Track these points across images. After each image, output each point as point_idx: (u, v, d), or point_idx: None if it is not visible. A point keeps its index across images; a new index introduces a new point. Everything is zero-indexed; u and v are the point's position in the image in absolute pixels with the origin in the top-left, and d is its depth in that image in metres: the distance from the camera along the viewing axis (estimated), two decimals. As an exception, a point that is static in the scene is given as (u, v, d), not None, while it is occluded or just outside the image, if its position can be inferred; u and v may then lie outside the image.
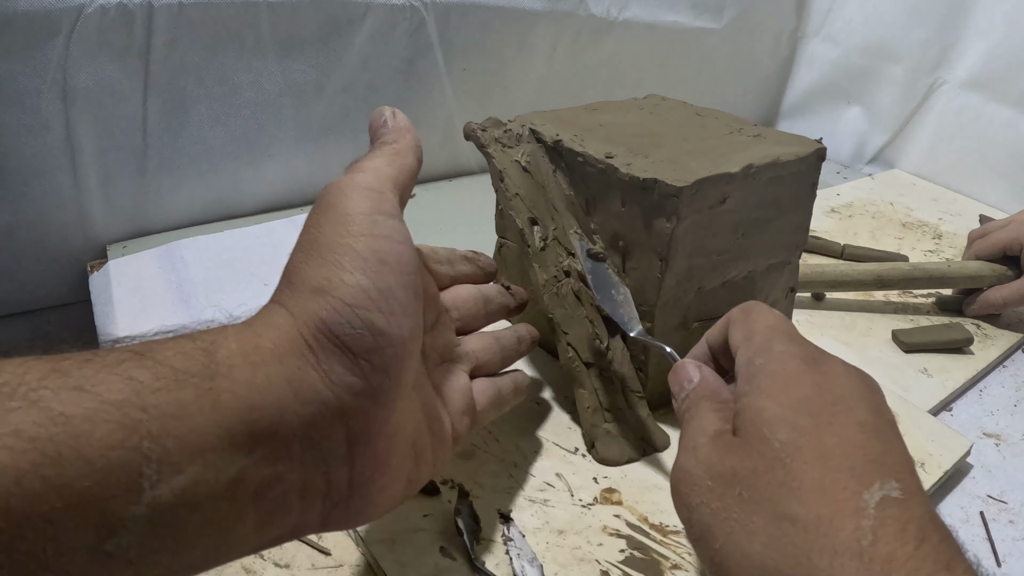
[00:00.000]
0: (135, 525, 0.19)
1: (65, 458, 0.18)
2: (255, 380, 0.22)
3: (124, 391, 0.20)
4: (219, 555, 0.23)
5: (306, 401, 0.23)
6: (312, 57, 0.67)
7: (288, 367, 0.23)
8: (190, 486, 0.20)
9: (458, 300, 0.37)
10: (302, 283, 0.24)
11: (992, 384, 0.57)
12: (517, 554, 0.35)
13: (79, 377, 0.19)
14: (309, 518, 0.24)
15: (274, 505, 0.23)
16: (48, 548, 0.18)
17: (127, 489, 0.19)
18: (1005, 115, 0.86)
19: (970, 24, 0.87)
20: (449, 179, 0.84)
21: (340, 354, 0.23)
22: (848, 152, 1.03)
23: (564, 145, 0.43)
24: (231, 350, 0.22)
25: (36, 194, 0.59)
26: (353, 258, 0.24)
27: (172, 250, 0.62)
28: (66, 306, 0.64)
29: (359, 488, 0.25)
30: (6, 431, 0.17)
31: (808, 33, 1.05)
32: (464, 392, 0.33)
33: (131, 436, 0.19)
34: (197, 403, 0.21)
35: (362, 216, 0.25)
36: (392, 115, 0.30)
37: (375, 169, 0.27)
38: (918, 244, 0.77)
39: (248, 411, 0.22)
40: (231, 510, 0.22)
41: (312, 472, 0.24)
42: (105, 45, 0.56)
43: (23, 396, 0.18)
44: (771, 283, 0.47)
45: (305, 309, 0.24)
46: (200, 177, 0.67)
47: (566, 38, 0.82)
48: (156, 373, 0.20)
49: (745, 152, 0.42)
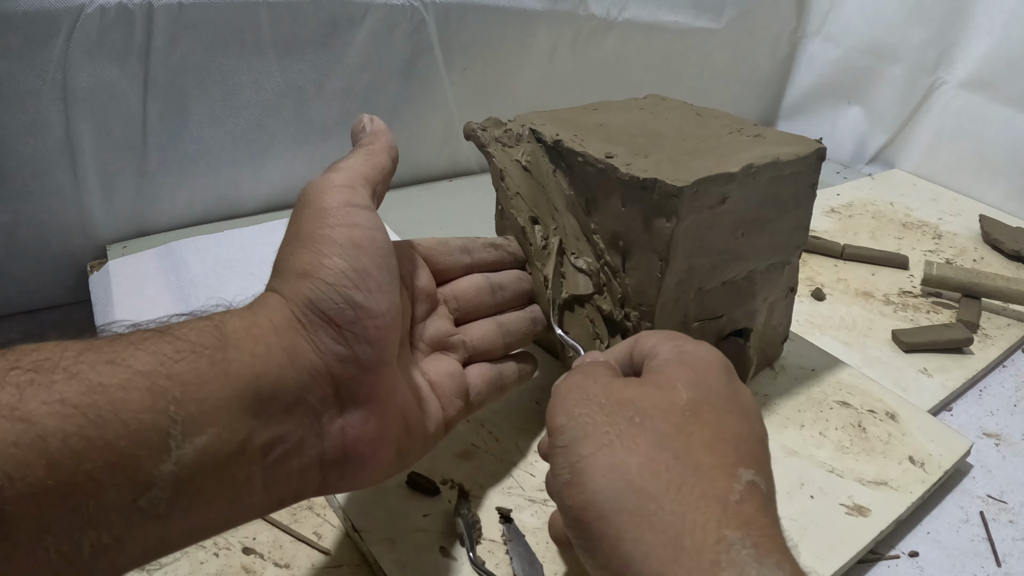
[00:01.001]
0: (164, 481, 0.22)
1: (106, 420, 0.20)
2: (257, 351, 0.25)
3: (151, 363, 0.22)
4: (234, 514, 0.25)
5: (301, 368, 0.26)
6: (312, 57, 0.67)
7: (284, 339, 0.26)
8: (209, 445, 0.23)
9: (459, 290, 0.39)
10: (289, 270, 0.28)
11: (992, 384, 0.57)
12: (517, 554, 0.35)
13: (111, 352, 0.22)
14: (308, 477, 0.27)
15: (278, 464, 0.26)
16: (90, 504, 0.20)
17: (157, 448, 0.21)
18: (1005, 115, 0.86)
19: (970, 24, 0.87)
20: (449, 179, 0.84)
21: (326, 327, 0.27)
22: (848, 152, 1.03)
23: (564, 145, 0.43)
24: (236, 326, 0.25)
25: (36, 194, 0.59)
26: (331, 245, 0.27)
27: (172, 250, 0.62)
28: (66, 306, 0.64)
29: (351, 449, 0.28)
30: (53, 399, 0.20)
31: (808, 33, 1.05)
32: (455, 376, 0.35)
33: (159, 401, 0.22)
34: (212, 371, 0.23)
35: (336, 209, 0.28)
36: (370, 121, 0.34)
37: (349, 168, 0.31)
38: (918, 244, 0.77)
39: (254, 378, 0.24)
40: (242, 469, 0.24)
41: (309, 431, 0.27)
42: (105, 45, 0.56)
43: (64, 369, 0.21)
44: (771, 283, 0.47)
45: (294, 290, 0.27)
46: (200, 177, 0.67)
47: (566, 38, 0.82)
48: (176, 347, 0.23)
49: (745, 152, 0.42)
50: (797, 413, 0.48)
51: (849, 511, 0.41)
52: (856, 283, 0.68)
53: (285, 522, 0.38)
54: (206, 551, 0.36)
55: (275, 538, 0.37)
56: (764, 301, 0.47)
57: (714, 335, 0.45)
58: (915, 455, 0.45)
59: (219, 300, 0.29)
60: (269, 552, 0.36)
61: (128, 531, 0.21)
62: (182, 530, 0.23)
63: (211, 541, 0.36)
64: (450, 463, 0.41)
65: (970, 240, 0.79)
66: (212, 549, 0.36)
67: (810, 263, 0.70)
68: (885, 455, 0.45)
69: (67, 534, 0.20)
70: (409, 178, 0.82)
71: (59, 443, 0.19)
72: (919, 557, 0.41)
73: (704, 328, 0.44)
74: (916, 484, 0.43)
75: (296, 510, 0.39)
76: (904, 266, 0.71)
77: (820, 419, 0.47)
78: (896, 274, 0.70)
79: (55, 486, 0.19)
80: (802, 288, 0.64)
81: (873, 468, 0.44)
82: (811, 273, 0.68)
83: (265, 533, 0.37)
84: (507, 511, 0.38)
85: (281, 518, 0.38)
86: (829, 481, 0.42)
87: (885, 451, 0.45)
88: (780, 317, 0.50)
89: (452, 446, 0.42)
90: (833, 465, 0.44)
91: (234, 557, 0.36)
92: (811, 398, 0.49)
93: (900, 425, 0.47)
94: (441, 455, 0.41)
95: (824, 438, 0.46)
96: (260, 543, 0.37)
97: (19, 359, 0.21)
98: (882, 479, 0.43)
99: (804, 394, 0.49)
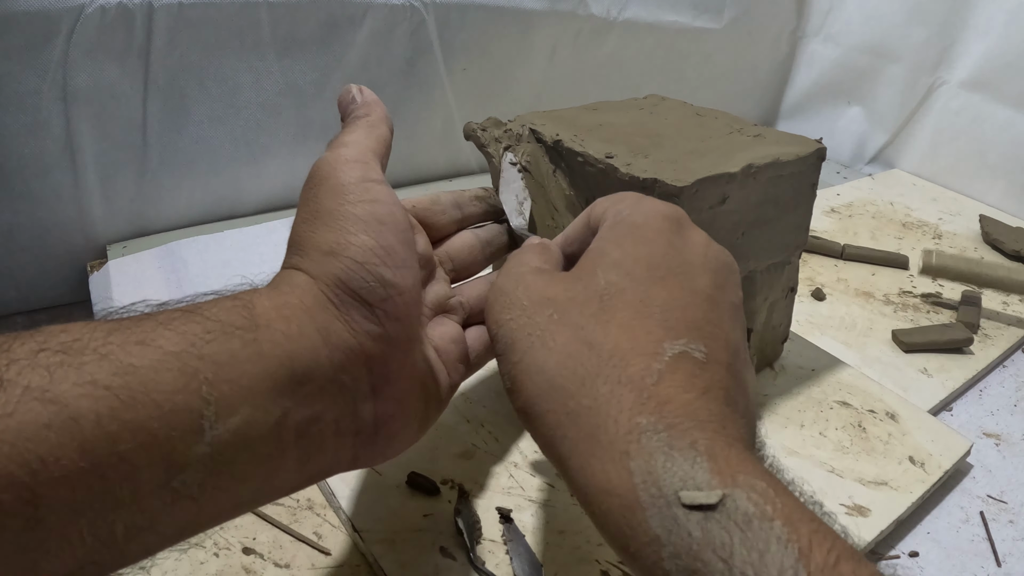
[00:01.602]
0: (198, 463, 0.21)
1: (139, 402, 0.20)
2: (290, 331, 0.25)
3: (181, 343, 0.22)
4: (266, 492, 0.25)
5: (335, 347, 0.26)
6: (312, 57, 0.67)
7: (317, 319, 0.26)
8: (243, 426, 0.22)
9: (452, 250, 0.39)
10: (314, 248, 0.27)
11: (992, 384, 0.57)
12: (517, 554, 0.35)
13: (140, 332, 0.21)
14: (341, 455, 0.27)
15: (312, 443, 0.25)
16: (124, 487, 0.20)
17: (191, 430, 0.21)
18: (1005, 115, 0.86)
19: (970, 24, 0.87)
20: (449, 179, 0.84)
21: (358, 305, 0.26)
22: (848, 152, 1.03)
23: (564, 145, 0.43)
24: (265, 307, 0.25)
25: (36, 194, 0.59)
26: (355, 222, 0.27)
27: (172, 250, 0.62)
28: (66, 306, 0.64)
29: (382, 425, 0.28)
30: (84, 380, 0.19)
31: (808, 33, 1.05)
32: (458, 342, 0.35)
33: (191, 382, 0.21)
34: (244, 351, 0.23)
35: (354, 185, 0.28)
36: (359, 91, 0.33)
37: (356, 143, 0.30)
38: (918, 244, 0.77)
39: (288, 358, 0.24)
40: (277, 448, 0.24)
41: (343, 411, 0.26)
42: (105, 45, 0.56)
43: (93, 351, 0.20)
44: (771, 283, 0.47)
45: (322, 270, 0.26)
46: (200, 177, 0.67)
47: (566, 38, 0.82)
48: (206, 327, 0.23)
49: (745, 152, 0.42)
50: (797, 413, 0.48)
51: (849, 511, 0.41)
52: (856, 283, 0.68)
53: (285, 522, 0.38)
54: (206, 551, 0.36)
55: (275, 538, 0.37)
56: (764, 301, 0.47)
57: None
58: (915, 455, 0.45)
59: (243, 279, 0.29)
60: (269, 552, 0.36)
61: (162, 512, 0.21)
62: (215, 509, 0.23)
63: (211, 541, 0.36)
64: (450, 463, 0.41)
65: (970, 240, 0.79)
66: (212, 549, 0.36)
67: (810, 263, 0.70)
68: (885, 455, 0.45)
69: (101, 517, 0.20)
70: (409, 178, 0.82)
71: (92, 425, 0.19)
72: (919, 557, 0.41)
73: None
74: (916, 484, 0.43)
75: (296, 510, 0.39)
76: (904, 266, 0.71)
77: (820, 419, 0.47)
78: (896, 274, 0.70)
79: (89, 469, 0.19)
80: (802, 288, 0.64)
81: (873, 468, 0.44)
82: (811, 273, 0.68)
83: (265, 533, 0.37)
84: (507, 511, 0.38)
85: (281, 518, 0.38)
86: (829, 481, 0.42)
87: (885, 451, 0.45)
88: (780, 317, 0.50)
89: (452, 446, 0.42)
90: (833, 465, 0.44)
91: (234, 557, 0.36)
92: (811, 398, 0.49)
93: (900, 425, 0.48)
94: (441, 455, 0.41)
95: (824, 438, 0.46)
96: (260, 543, 0.37)
97: (47, 340, 0.20)
98: (882, 479, 0.43)
99: (804, 394, 0.49)
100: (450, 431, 0.43)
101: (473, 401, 0.45)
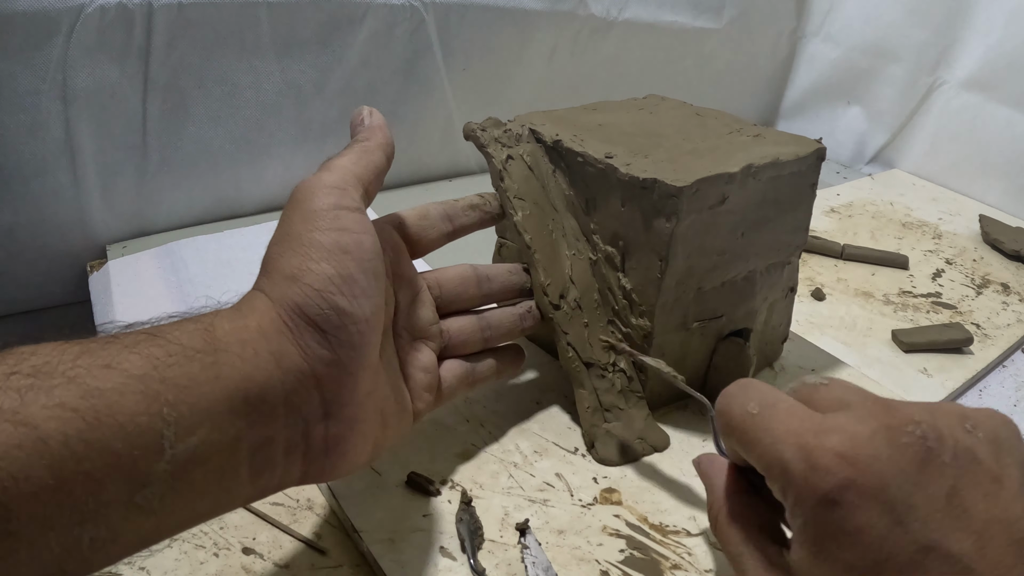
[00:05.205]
0: (159, 479, 0.23)
1: (104, 423, 0.21)
2: (246, 354, 0.26)
3: (144, 367, 0.23)
4: (221, 504, 0.26)
5: (288, 371, 0.27)
6: (312, 57, 0.67)
7: (272, 343, 0.27)
8: (201, 445, 0.24)
9: (443, 279, 0.39)
10: (277, 272, 0.28)
11: (992, 384, 0.57)
12: (532, 562, 0.35)
13: (106, 356, 0.23)
14: (291, 471, 0.28)
15: (264, 460, 0.27)
16: (90, 502, 0.21)
17: (153, 449, 0.22)
18: (1005, 115, 0.86)
19: (970, 24, 0.87)
20: (449, 179, 0.84)
21: (312, 331, 0.27)
22: (848, 152, 1.03)
23: (564, 145, 0.43)
24: (225, 330, 0.26)
25: (36, 194, 0.59)
26: (319, 249, 0.28)
27: (172, 250, 0.62)
28: (66, 306, 0.64)
29: (333, 446, 0.29)
30: (53, 403, 0.21)
31: (808, 33, 1.05)
32: (428, 370, 0.36)
33: (153, 404, 0.23)
34: (203, 375, 0.24)
35: (325, 211, 0.29)
36: (369, 114, 0.34)
37: (341, 167, 0.31)
38: (918, 244, 0.77)
39: (243, 381, 0.25)
40: (231, 465, 0.25)
41: (294, 431, 0.27)
42: (105, 45, 0.56)
43: (62, 374, 0.21)
44: (771, 283, 0.47)
45: (281, 294, 0.27)
46: (200, 177, 0.67)
47: (566, 38, 0.82)
48: (168, 350, 0.24)
49: (745, 152, 0.42)
50: (797, 413, 0.48)
51: (849, 511, 0.41)
52: (856, 283, 0.68)
53: (285, 522, 0.38)
54: (206, 551, 0.36)
55: (275, 538, 0.37)
56: (764, 301, 0.47)
57: (714, 335, 0.45)
58: (915, 455, 0.45)
59: (208, 299, 0.29)
60: (269, 552, 0.36)
61: (125, 525, 0.22)
62: (174, 521, 0.25)
63: (211, 541, 0.36)
64: (450, 463, 0.41)
65: (970, 240, 0.79)
66: (212, 549, 0.36)
67: (810, 263, 0.70)
68: (885, 455, 0.45)
69: (68, 529, 0.21)
70: (409, 178, 0.82)
71: (60, 445, 0.20)
72: (919, 557, 0.41)
73: (704, 328, 0.44)
74: (916, 484, 0.43)
75: (296, 510, 0.39)
76: (904, 266, 0.71)
77: (820, 419, 0.47)
78: (896, 274, 0.70)
79: (57, 485, 0.20)
80: (802, 288, 0.64)
81: (873, 468, 0.44)
82: (811, 273, 0.68)
83: (265, 533, 0.37)
84: (524, 524, 0.37)
85: (281, 518, 0.38)
86: (829, 481, 0.42)
87: (885, 451, 0.45)
88: (780, 317, 0.50)
89: (452, 446, 0.42)
90: (833, 465, 0.44)
91: (234, 557, 0.36)
92: (811, 398, 0.49)
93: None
94: (441, 455, 0.41)
95: (824, 438, 0.46)
96: (260, 543, 0.37)
97: (18, 364, 0.21)
98: (882, 479, 0.43)
99: (804, 394, 0.49)
100: (450, 431, 0.43)
101: (473, 401, 0.45)
